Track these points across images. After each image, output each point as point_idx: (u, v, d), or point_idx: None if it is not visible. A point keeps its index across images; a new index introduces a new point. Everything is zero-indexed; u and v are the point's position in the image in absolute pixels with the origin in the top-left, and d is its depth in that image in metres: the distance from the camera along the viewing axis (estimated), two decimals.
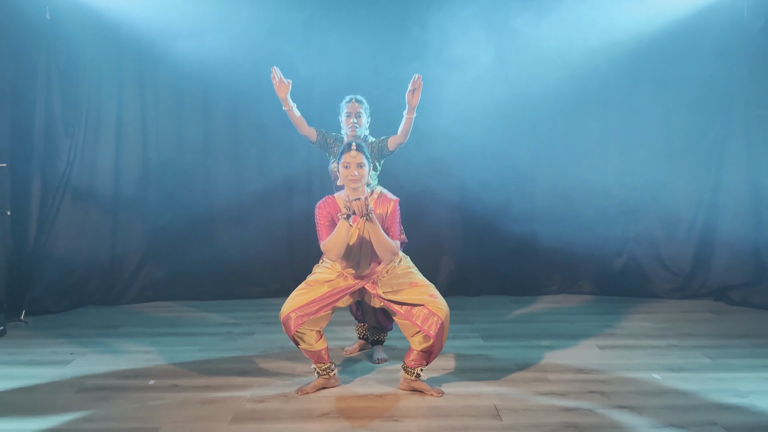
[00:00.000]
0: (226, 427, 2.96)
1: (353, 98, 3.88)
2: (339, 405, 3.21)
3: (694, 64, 5.41)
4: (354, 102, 3.86)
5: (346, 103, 3.89)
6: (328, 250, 3.17)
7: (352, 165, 3.17)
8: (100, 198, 5.35)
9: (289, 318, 3.22)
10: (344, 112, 3.89)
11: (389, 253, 3.17)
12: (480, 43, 5.45)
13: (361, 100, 3.89)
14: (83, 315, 5.11)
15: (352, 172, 3.17)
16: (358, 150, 3.19)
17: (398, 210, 3.29)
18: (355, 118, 3.86)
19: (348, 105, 3.87)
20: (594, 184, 5.63)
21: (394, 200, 3.30)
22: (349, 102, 3.87)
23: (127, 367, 3.80)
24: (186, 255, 5.56)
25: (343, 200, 3.22)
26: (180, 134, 5.52)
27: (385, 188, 3.99)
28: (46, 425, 2.98)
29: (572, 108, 5.62)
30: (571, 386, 3.42)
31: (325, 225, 3.25)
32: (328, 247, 3.16)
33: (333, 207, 3.28)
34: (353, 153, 3.18)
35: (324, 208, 3.28)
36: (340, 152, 3.23)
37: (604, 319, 4.85)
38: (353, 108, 3.86)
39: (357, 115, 3.86)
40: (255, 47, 5.40)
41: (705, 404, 3.16)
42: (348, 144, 3.22)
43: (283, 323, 3.24)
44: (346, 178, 3.19)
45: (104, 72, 5.32)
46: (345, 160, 3.19)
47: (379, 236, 3.12)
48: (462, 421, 2.99)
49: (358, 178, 3.17)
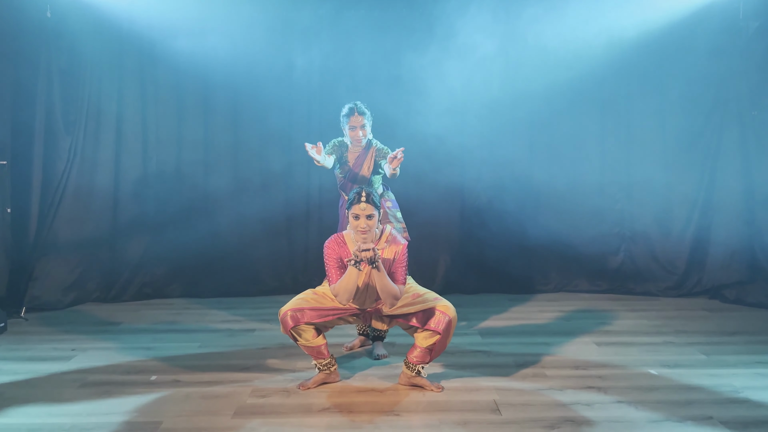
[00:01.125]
0: (228, 421, 2.99)
1: (355, 110, 3.90)
2: (340, 400, 3.24)
3: (689, 65, 5.47)
4: (356, 115, 3.90)
5: (347, 116, 3.92)
6: (338, 294, 3.21)
7: (362, 217, 3.18)
8: (100, 195, 5.36)
9: (286, 315, 3.25)
10: (348, 126, 3.92)
11: (392, 298, 3.21)
12: (477, 40, 5.48)
13: (363, 111, 3.92)
14: (83, 312, 5.13)
15: (362, 224, 3.18)
16: (367, 201, 3.18)
17: (406, 254, 3.32)
18: (360, 130, 3.90)
19: (351, 118, 3.90)
20: (590, 183, 5.68)
21: (402, 244, 3.31)
22: (351, 115, 3.90)
23: (129, 363, 3.83)
24: (186, 253, 5.57)
25: (352, 243, 3.27)
26: (180, 132, 5.54)
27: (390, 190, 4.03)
28: (49, 419, 3.00)
29: (569, 107, 5.66)
30: (569, 382, 3.46)
31: (333, 267, 3.26)
32: (338, 292, 3.20)
33: (341, 248, 3.29)
34: (363, 205, 3.17)
35: (334, 249, 3.28)
36: (350, 201, 3.22)
37: (601, 317, 4.90)
38: (356, 121, 3.90)
39: (361, 126, 3.90)
40: (255, 45, 5.42)
41: (701, 399, 3.21)
42: (358, 195, 3.20)
43: (281, 320, 3.27)
44: (355, 228, 3.21)
45: (105, 70, 5.34)
46: (354, 212, 3.19)
47: (384, 282, 3.16)
48: (462, 416, 3.03)
49: (367, 229, 3.19)
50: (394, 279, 3.26)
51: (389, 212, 4.00)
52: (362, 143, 3.98)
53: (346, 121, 3.94)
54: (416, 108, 5.53)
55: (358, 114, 3.90)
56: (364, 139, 3.96)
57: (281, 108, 5.56)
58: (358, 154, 4.03)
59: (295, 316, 3.25)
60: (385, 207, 4.00)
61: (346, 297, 3.21)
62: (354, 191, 3.25)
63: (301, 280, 5.63)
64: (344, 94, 5.49)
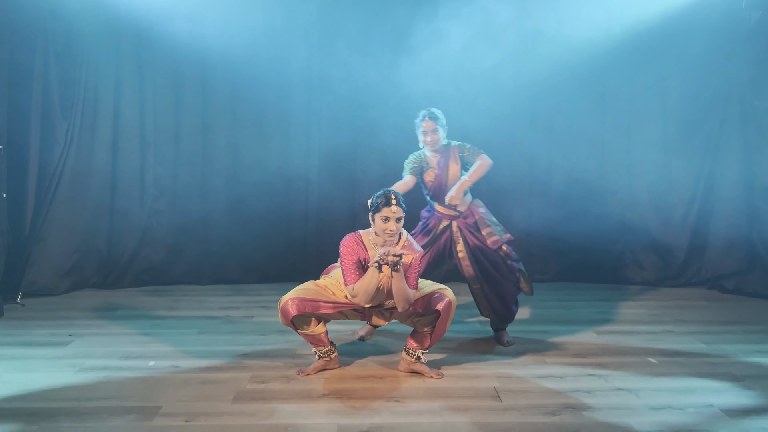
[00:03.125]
0: (228, 406, 2.98)
1: (426, 116, 3.87)
2: (339, 386, 3.24)
3: (691, 54, 5.43)
4: (428, 120, 3.86)
5: (420, 120, 3.89)
6: (357, 295, 3.18)
7: (392, 220, 3.17)
8: (97, 181, 5.32)
9: (287, 304, 3.23)
10: (420, 131, 3.91)
11: (405, 302, 3.21)
12: (476, 31, 5.45)
13: (435, 116, 3.87)
14: (80, 298, 5.10)
15: (391, 227, 3.17)
16: (398, 204, 3.18)
17: (420, 261, 3.30)
18: (431, 135, 3.87)
19: (423, 123, 3.88)
20: (590, 173, 5.66)
21: (418, 253, 3.29)
22: (423, 120, 3.87)
23: (127, 348, 3.81)
24: (184, 239, 5.55)
25: (371, 243, 3.25)
26: (178, 117, 5.49)
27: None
28: (47, 404, 2.99)
29: (569, 96, 5.63)
30: (569, 369, 3.46)
31: (352, 267, 3.22)
32: (358, 293, 3.17)
33: (360, 248, 3.26)
34: (394, 208, 3.16)
35: (353, 248, 3.25)
36: (379, 204, 3.18)
37: (600, 306, 4.90)
38: (428, 126, 3.86)
39: (433, 131, 3.87)
40: (254, 28, 5.36)
41: (701, 387, 3.21)
42: (387, 198, 3.18)
43: (282, 309, 3.24)
44: (383, 231, 3.19)
45: (102, 54, 5.27)
46: (384, 214, 3.17)
47: (401, 286, 3.15)
48: (462, 402, 3.02)
49: (395, 232, 3.19)
50: (407, 283, 3.23)
51: (485, 217, 3.94)
52: (437, 147, 3.92)
53: (419, 126, 3.91)
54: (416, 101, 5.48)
55: (429, 119, 3.86)
56: (438, 143, 3.91)
57: (280, 91, 5.51)
58: (439, 159, 3.95)
59: (295, 306, 3.22)
60: (479, 213, 3.94)
61: (365, 298, 3.18)
62: (381, 194, 3.21)
63: (299, 267, 5.61)
64: (343, 79, 5.47)
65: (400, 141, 5.44)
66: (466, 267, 3.89)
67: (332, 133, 5.60)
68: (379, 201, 3.19)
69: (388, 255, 3.05)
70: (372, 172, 5.64)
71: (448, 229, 3.95)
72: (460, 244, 3.91)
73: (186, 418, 2.85)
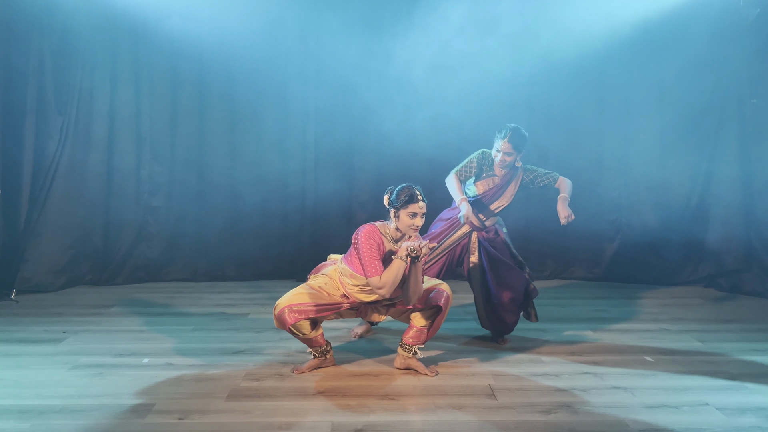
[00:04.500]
0: (222, 404, 2.96)
1: (508, 136, 3.74)
2: (334, 383, 3.22)
3: (689, 52, 5.41)
4: (504, 141, 3.75)
5: (501, 139, 3.76)
6: (384, 286, 3.14)
7: (419, 215, 3.18)
8: (92, 177, 5.30)
9: (284, 312, 3.18)
10: (497, 147, 3.79)
11: (416, 297, 3.21)
12: (477, 27, 5.44)
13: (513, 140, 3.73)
14: (75, 294, 5.08)
15: (418, 222, 3.19)
16: (423, 200, 3.20)
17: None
18: (505, 157, 3.79)
19: (501, 142, 3.76)
20: (587, 170, 5.64)
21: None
22: (503, 139, 3.76)
23: (121, 345, 3.79)
24: (179, 236, 5.53)
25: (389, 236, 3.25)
26: (174, 113, 5.47)
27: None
28: (40, 402, 2.96)
29: (566, 94, 5.62)
30: (565, 367, 3.45)
31: (374, 257, 3.17)
32: (385, 284, 3.14)
33: (380, 239, 3.24)
34: (421, 204, 3.18)
35: (375, 240, 3.21)
36: (405, 200, 3.18)
37: (596, 304, 4.89)
38: (504, 147, 3.76)
39: (508, 154, 3.77)
40: (250, 25, 5.34)
41: (697, 385, 3.20)
42: (413, 194, 3.18)
43: (278, 316, 3.20)
44: (409, 227, 3.19)
45: (98, 50, 5.25)
46: (412, 210, 3.17)
47: (418, 279, 3.16)
48: (457, 400, 3.01)
49: (419, 227, 3.21)
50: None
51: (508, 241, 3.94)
52: (502, 166, 3.86)
53: (498, 142, 3.78)
54: (414, 97, 5.48)
55: (506, 141, 3.74)
56: (508, 164, 3.84)
57: (276, 88, 5.49)
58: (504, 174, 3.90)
59: (293, 316, 3.18)
60: (503, 233, 3.95)
61: (391, 290, 3.16)
62: (404, 190, 3.20)
63: (296, 264, 5.60)
64: (341, 75, 5.44)
65: (399, 139, 5.45)
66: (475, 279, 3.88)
67: (329, 129, 5.58)
68: (404, 197, 3.19)
69: (422, 247, 3.07)
70: (369, 169, 5.62)
71: (466, 238, 3.92)
72: (474, 256, 3.89)
73: (179, 415, 2.84)
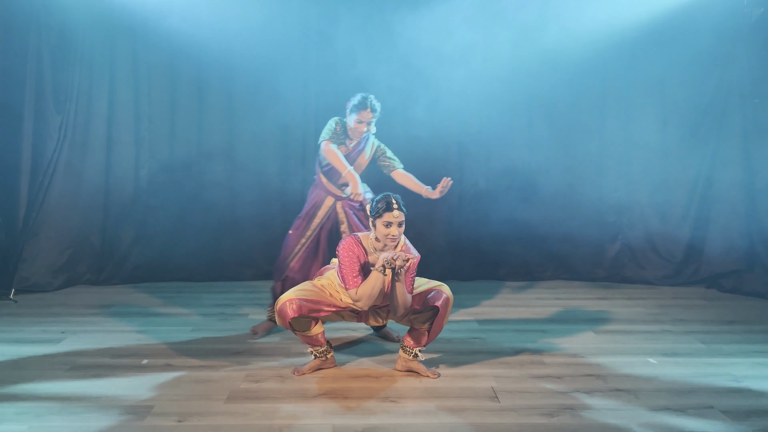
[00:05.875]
0: (222, 406, 2.93)
1: (368, 106, 3.80)
2: (335, 385, 3.19)
3: (691, 51, 5.37)
4: (369, 111, 3.81)
5: (359, 108, 3.80)
6: (361, 299, 3.12)
7: (394, 225, 3.11)
8: (91, 176, 5.26)
9: (285, 306, 3.17)
10: (356, 117, 3.83)
11: (403, 307, 3.16)
12: (476, 25, 5.41)
13: (375, 108, 3.83)
14: (73, 294, 5.04)
15: (393, 232, 3.11)
16: (399, 209, 3.12)
17: (416, 265, 3.22)
18: (366, 126, 3.85)
19: (363, 112, 3.80)
20: (589, 171, 5.62)
21: (416, 258, 3.21)
22: (364, 109, 3.80)
23: (120, 346, 3.76)
24: (178, 236, 5.49)
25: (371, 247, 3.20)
26: (173, 113, 5.42)
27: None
28: (38, 403, 2.94)
29: (568, 94, 5.57)
30: (567, 369, 3.42)
31: (355, 270, 3.15)
32: (362, 297, 3.11)
33: (360, 252, 3.20)
34: (396, 213, 3.11)
35: (353, 251, 3.18)
36: (380, 209, 3.12)
37: (598, 305, 4.86)
38: (366, 117, 3.82)
39: (368, 123, 3.85)
40: (249, 24, 5.29)
41: (701, 388, 3.18)
42: (388, 202, 3.12)
43: (279, 310, 3.19)
44: (385, 236, 3.13)
45: (96, 48, 5.20)
46: (386, 219, 3.11)
47: (402, 290, 3.11)
48: (459, 402, 2.98)
49: (397, 237, 3.14)
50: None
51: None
52: (364, 135, 3.95)
53: (356, 112, 3.82)
54: (414, 94, 5.44)
55: (371, 110, 3.81)
56: (367, 134, 3.94)
57: (276, 87, 5.44)
58: (357, 143, 3.97)
59: (294, 307, 3.16)
60: (366, 199, 3.94)
61: (369, 303, 3.13)
62: (381, 199, 3.15)
63: None
64: (342, 74, 5.40)
65: (399, 137, 5.40)
66: None
67: None
68: (380, 206, 3.13)
69: (396, 259, 2.99)
70: (369, 167, 5.56)
71: (333, 210, 3.98)
72: (344, 225, 3.95)
73: (178, 417, 2.81)
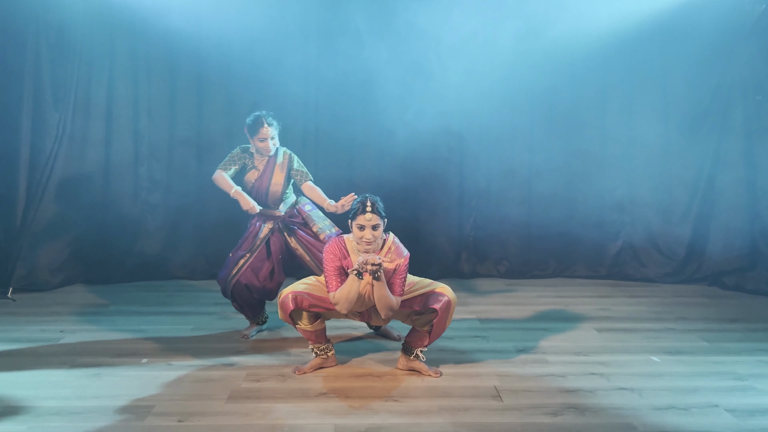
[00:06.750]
0: (222, 406, 2.91)
1: (263, 123, 3.74)
2: (337, 385, 3.17)
3: (693, 48, 5.35)
4: (266, 127, 3.75)
5: (255, 128, 3.75)
6: (338, 302, 3.10)
7: (367, 227, 3.08)
8: (90, 174, 5.23)
9: (287, 298, 3.17)
10: (256, 137, 3.78)
11: (387, 310, 3.12)
12: (476, 22, 5.38)
13: (271, 122, 3.78)
14: (73, 293, 5.01)
15: (366, 235, 3.08)
16: (373, 211, 3.08)
17: (407, 266, 3.18)
18: (270, 139, 3.80)
19: (261, 130, 3.75)
20: (590, 168, 5.59)
21: (405, 257, 3.18)
22: (262, 127, 3.74)
23: (119, 345, 3.74)
24: (178, 233, 5.47)
25: (355, 248, 3.17)
26: (172, 109, 5.38)
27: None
28: (36, 403, 2.91)
29: (570, 91, 5.55)
30: (570, 368, 3.40)
31: (334, 273, 3.14)
32: (339, 300, 3.10)
33: (343, 255, 3.17)
34: (368, 215, 3.07)
35: (335, 254, 3.16)
36: (355, 212, 3.10)
37: (600, 303, 4.84)
38: (265, 133, 3.76)
39: (272, 137, 3.80)
40: (249, 21, 5.26)
41: (705, 387, 3.15)
42: (363, 204, 3.09)
43: (281, 302, 3.19)
44: (359, 239, 3.11)
45: (95, 45, 5.17)
46: (359, 222, 3.08)
47: (382, 294, 3.07)
48: (462, 402, 2.96)
49: (373, 240, 3.10)
50: (392, 289, 3.13)
51: (311, 215, 3.91)
52: (271, 152, 3.87)
53: (256, 134, 3.77)
54: (415, 90, 5.42)
55: (267, 125, 3.75)
56: (273, 148, 3.86)
57: (276, 83, 5.40)
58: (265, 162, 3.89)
59: (295, 299, 3.16)
60: (306, 211, 3.91)
61: (346, 306, 3.10)
62: (359, 200, 3.13)
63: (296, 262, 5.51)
64: (341, 71, 5.37)
65: (399, 134, 5.38)
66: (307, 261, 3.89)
67: (329, 126, 5.50)
68: (355, 208, 3.11)
69: (367, 263, 2.95)
70: (369, 166, 5.56)
71: (275, 230, 3.92)
72: (293, 241, 3.91)
73: (179, 417, 2.78)
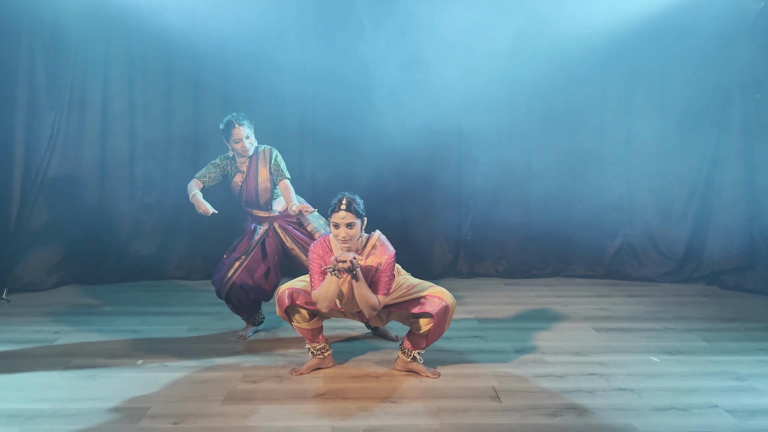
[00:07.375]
0: (218, 407, 2.88)
1: (236, 124, 3.73)
2: (334, 386, 3.14)
3: (692, 47, 5.33)
4: (238, 128, 3.74)
5: (228, 130, 3.75)
6: (318, 301, 3.08)
7: (342, 226, 3.05)
8: (85, 173, 5.20)
9: (284, 293, 3.18)
10: (231, 140, 3.77)
11: (369, 309, 3.08)
12: (476, 21, 5.36)
13: (242, 122, 3.76)
14: (68, 293, 4.98)
15: (341, 233, 3.05)
16: (348, 210, 3.05)
17: (392, 263, 3.12)
18: (247, 141, 3.78)
19: (234, 131, 3.74)
20: (589, 167, 5.57)
21: (389, 253, 3.13)
22: (234, 128, 3.74)
23: (115, 346, 3.71)
24: (174, 233, 5.44)
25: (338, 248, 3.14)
26: (168, 108, 5.35)
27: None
28: (30, 405, 2.88)
29: (568, 91, 5.53)
30: (569, 368, 3.37)
31: (316, 272, 3.12)
32: (318, 298, 3.07)
33: (326, 254, 3.14)
34: (342, 214, 3.04)
35: (318, 253, 3.15)
36: (331, 209, 3.09)
37: (599, 302, 4.82)
38: (239, 134, 3.75)
39: (246, 136, 3.78)
40: (244, 20, 5.22)
41: (705, 387, 3.13)
42: (338, 202, 3.07)
43: (278, 298, 3.20)
44: (335, 238, 3.09)
45: (90, 43, 5.14)
46: (334, 220, 3.07)
47: (362, 292, 3.03)
48: (460, 403, 2.93)
49: (348, 238, 3.06)
50: (376, 288, 3.10)
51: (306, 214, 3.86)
52: (250, 154, 3.86)
53: (230, 135, 3.76)
54: (413, 90, 5.40)
55: (239, 125, 3.74)
56: (251, 147, 3.84)
57: (273, 84, 5.37)
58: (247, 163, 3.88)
59: (291, 296, 3.16)
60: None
61: (326, 304, 3.07)
62: (336, 198, 3.11)
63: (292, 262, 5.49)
64: (338, 71, 5.35)
65: (397, 132, 5.36)
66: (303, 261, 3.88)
67: (326, 124, 5.48)
68: (331, 206, 3.09)
69: (338, 261, 2.93)
70: (366, 163, 5.53)
71: (270, 231, 3.91)
72: (289, 241, 3.89)
73: (174, 419, 2.75)
